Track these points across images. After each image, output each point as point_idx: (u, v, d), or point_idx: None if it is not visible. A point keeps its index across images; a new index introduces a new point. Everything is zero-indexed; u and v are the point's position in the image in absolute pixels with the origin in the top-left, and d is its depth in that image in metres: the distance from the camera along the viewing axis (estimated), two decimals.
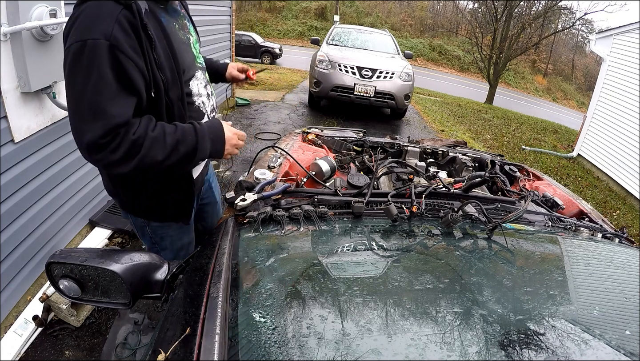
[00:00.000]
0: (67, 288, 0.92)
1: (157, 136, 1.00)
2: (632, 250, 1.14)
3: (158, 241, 1.37)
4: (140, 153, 0.98)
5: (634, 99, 6.30)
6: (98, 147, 0.94)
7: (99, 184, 2.68)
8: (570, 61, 30.58)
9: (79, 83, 0.92)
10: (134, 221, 1.33)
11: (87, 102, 0.92)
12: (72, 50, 0.91)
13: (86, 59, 0.91)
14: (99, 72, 0.91)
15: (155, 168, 1.03)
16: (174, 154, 1.03)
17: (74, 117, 0.94)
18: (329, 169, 1.62)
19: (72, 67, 0.92)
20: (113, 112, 0.93)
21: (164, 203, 1.25)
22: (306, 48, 21.13)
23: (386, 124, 6.66)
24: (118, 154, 0.95)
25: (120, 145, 0.95)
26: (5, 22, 1.66)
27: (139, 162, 0.98)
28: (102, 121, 0.92)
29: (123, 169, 0.99)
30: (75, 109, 0.94)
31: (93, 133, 0.92)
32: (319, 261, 0.94)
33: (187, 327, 0.67)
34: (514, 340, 0.67)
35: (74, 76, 0.92)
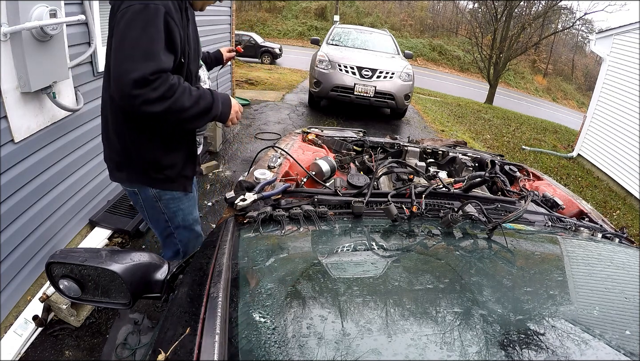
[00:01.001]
0: (67, 288, 0.92)
1: (186, 87, 1.22)
2: (632, 250, 1.14)
3: (171, 217, 1.51)
4: (173, 97, 1.16)
5: (634, 99, 6.30)
6: (145, 82, 1.10)
7: (99, 184, 2.68)
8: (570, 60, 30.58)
9: (135, 33, 1.11)
10: (144, 200, 1.46)
11: (142, 47, 1.11)
12: (134, 8, 1.12)
13: (146, 16, 1.12)
14: (157, 28, 1.13)
15: (180, 114, 1.21)
16: (196, 106, 1.24)
17: (124, 59, 1.11)
18: (329, 169, 1.62)
19: (131, 20, 1.11)
20: (163, 59, 1.14)
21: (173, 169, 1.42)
22: (306, 48, 21.13)
23: (386, 124, 6.66)
24: (157, 92, 1.13)
25: (161, 85, 1.13)
26: (5, 22, 1.66)
27: (171, 104, 1.17)
28: (154, 62, 1.11)
29: (157, 107, 1.15)
30: (129, 52, 1.11)
31: (144, 70, 1.10)
32: (319, 261, 0.94)
33: (187, 327, 0.67)
34: (514, 340, 0.67)
35: (130, 27, 1.11)
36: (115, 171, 1.44)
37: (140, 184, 1.43)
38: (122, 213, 2.79)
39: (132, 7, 1.12)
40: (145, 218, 1.56)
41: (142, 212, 1.52)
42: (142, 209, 1.51)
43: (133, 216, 2.77)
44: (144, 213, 1.53)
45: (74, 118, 2.30)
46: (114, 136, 1.36)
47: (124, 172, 1.42)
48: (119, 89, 1.12)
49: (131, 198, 1.51)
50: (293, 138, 2.07)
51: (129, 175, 1.42)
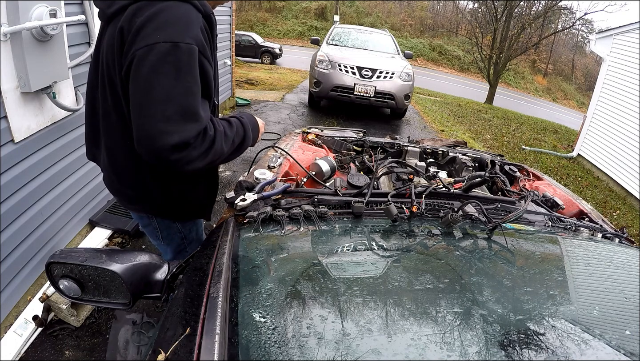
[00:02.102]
0: (67, 288, 0.92)
1: (222, 131, 1.06)
2: (632, 250, 1.13)
3: (187, 234, 1.40)
4: (213, 148, 1.01)
5: (634, 99, 6.30)
6: (185, 147, 0.93)
7: (99, 184, 2.68)
8: (570, 60, 30.59)
9: (165, 83, 0.90)
10: (159, 222, 1.32)
11: (177, 103, 0.91)
12: (159, 49, 0.89)
13: (178, 61, 0.90)
14: (193, 76, 0.93)
15: (219, 160, 1.08)
16: (232, 146, 1.11)
17: (154, 118, 0.90)
18: (329, 169, 1.62)
19: (158, 66, 0.89)
20: (202, 115, 0.96)
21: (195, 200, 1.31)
22: (306, 48, 21.13)
23: (386, 124, 6.66)
24: (199, 150, 0.97)
25: (202, 143, 0.97)
26: (5, 22, 1.66)
27: (212, 156, 1.02)
28: (194, 123, 0.93)
29: (198, 164, 0.99)
30: (159, 109, 0.90)
31: (185, 134, 0.92)
32: (319, 261, 0.94)
33: (187, 327, 0.67)
34: (514, 340, 0.67)
35: (158, 75, 0.89)
36: (127, 203, 1.29)
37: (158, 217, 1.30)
38: (122, 213, 2.79)
39: (157, 46, 0.89)
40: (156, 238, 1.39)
41: (154, 233, 1.36)
42: (155, 230, 1.35)
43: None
44: (156, 234, 1.36)
45: (74, 118, 2.30)
46: (127, 171, 1.18)
47: (139, 205, 1.27)
48: (153, 153, 0.93)
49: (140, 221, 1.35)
50: (293, 138, 2.07)
51: (144, 208, 1.28)
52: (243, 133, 1.16)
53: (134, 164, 1.15)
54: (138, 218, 1.36)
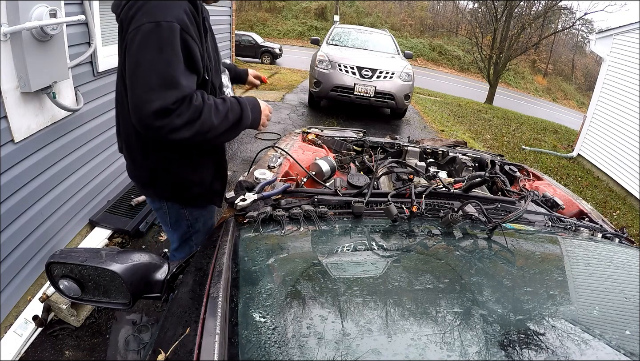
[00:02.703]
0: (67, 288, 0.92)
1: (212, 104, 1.12)
2: (632, 250, 1.14)
3: (193, 223, 1.46)
4: (200, 118, 1.08)
5: (634, 99, 6.30)
6: (167, 112, 1.02)
7: (99, 184, 2.68)
8: (570, 60, 30.59)
9: (150, 56, 1.00)
10: (169, 207, 1.40)
11: (159, 73, 1.01)
12: (144, 29, 1.00)
13: (160, 37, 1.00)
14: (173, 49, 1.02)
15: (210, 134, 1.13)
16: (225, 121, 1.16)
17: (142, 88, 1.01)
18: (329, 169, 1.62)
19: (144, 43, 1.00)
20: (184, 84, 1.04)
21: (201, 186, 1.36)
22: (306, 48, 21.13)
23: (386, 124, 6.66)
24: (182, 118, 1.04)
25: (185, 111, 1.04)
26: (5, 22, 1.66)
27: (199, 127, 1.08)
28: (174, 90, 1.02)
29: (185, 133, 1.06)
30: (145, 80, 1.01)
31: (164, 100, 1.01)
32: (319, 261, 0.94)
33: (187, 327, 0.67)
34: (514, 340, 0.67)
35: (144, 50, 1.01)
36: (140, 187, 1.40)
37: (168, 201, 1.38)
38: (122, 213, 2.79)
39: (142, 27, 1.00)
40: (165, 223, 1.48)
41: (164, 217, 1.45)
42: (164, 215, 1.44)
43: (133, 216, 2.77)
44: (165, 219, 1.46)
45: (74, 118, 2.30)
46: (138, 154, 1.29)
47: (150, 189, 1.37)
48: (140, 121, 1.04)
49: (152, 205, 1.46)
50: (293, 138, 2.07)
51: (156, 192, 1.37)
52: (239, 110, 1.20)
53: (142, 148, 1.26)
54: (150, 202, 1.45)
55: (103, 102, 2.61)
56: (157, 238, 2.88)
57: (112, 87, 2.69)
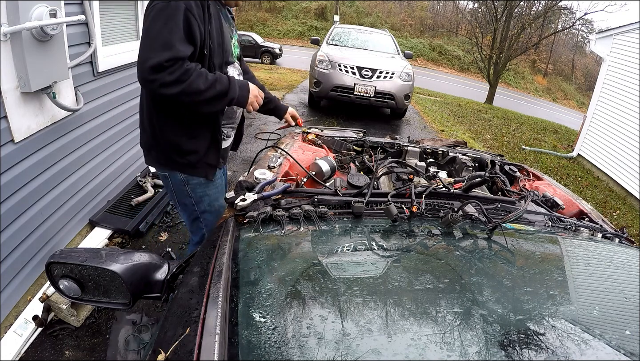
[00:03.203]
0: (67, 288, 0.92)
1: (202, 72, 1.32)
2: (632, 250, 1.13)
3: (198, 201, 1.62)
4: (188, 80, 1.28)
5: (634, 99, 6.30)
6: (160, 68, 1.23)
7: (99, 184, 2.68)
8: (570, 60, 30.58)
9: (157, 26, 1.25)
10: (174, 184, 1.58)
11: (162, 38, 1.24)
12: (158, 6, 1.26)
13: (167, 12, 1.25)
14: (175, 22, 1.26)
15: (196, 96, 1.31)
16: (212, 89, 1.33)
17: (146, 48, 1.26)
18: (329, 169, 1.62)
19: (155, 16, 1.26)
20: (179, 48, 1.26)
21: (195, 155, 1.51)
22: (306, 48, 21.12)
23: (386, 124, 6.66)
24: (173, 76, 1.25)
25: (176, 70, 1.25)
26: (5, 22, 1.66)
27: (186, 87, 1.28)
28: (170, 51, 1.24)
29: (173, 89, 1.27)
30: (150, 42, 1.25)
31: (160, 57, 1.23)
32: (319, 261, 0.94)
33: (187, 327, 0.67)
34: (514, 340, 0.67)
35: (154, 22, 1.26)
36: (147, 155, 1.59)
37: (167, 167, 1.55)
38: (122, 213, 2.79)
39: (157, 5, 1.26)
40: (174, 201, 1.67)
41: (172, 195, 1.64)
42: (171, 192, 1.62)
43: (133, 216, 2.77)
44: (172, 196, 1.64)
45: (74, 118, 2.30)
46: (147, 121, 1.50)
47: (152, 154, 1.55)
48: (140, 74, 1.27)
49: (163, 181, 1.64)
50: (293, 138, 2.07)
51: (157, 158, 1.55)
52: (227, 83, 1.37)
53: (149, 114, 1.47)
54: (161, 178, 1.64)
55: (103, 102, 2.61)
56: (157, 238, 2.88)
57: (112, 87, 2.70)
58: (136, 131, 3.13)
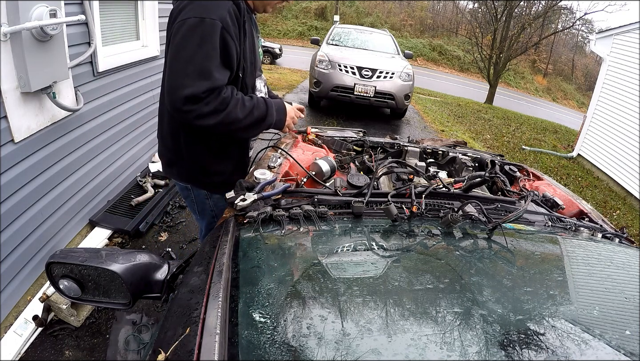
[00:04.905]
0: (67, 288, 0.92)
1: (239, 98, 1.24)
2: (632, 250, 1.13)
3: (219, 214, 1.54)
4: (226, 110, 1.20)
5: (634, 99, 6.30)
6: (196, 100, 1.14)
7: (99, 184, 2.68)
8: (570, 60, 30.57)
9: (191, 48, 1.12)
10: (196, 196, 1.52)
11: (197, 64, 1.12)
12: (190, 22, 1.12)
13: (202, 32, 1.12)
14: (212, 44, 1.13)
15: (233, 125, 1.24)
16: (250, 116, 1.26)
17: (178, 74, 1.13)
18: (329, 169, 1.62)
19: (187, 35, 1.12)
20: (217, 76, 1.16)
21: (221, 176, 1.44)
22: (306, 48, 21.11)
23: (386, 124, 6.66)
24: (209, 107, 1.16)
25: (213, 100, 1.16)
26: (5, 22, 1.66)
27: (224, 117, 1.20)
28: (207, 81, 1.13)
29: (210, 121, 1.18)
30: (183, 67, 1.13)
31: (197, 88, 1.12)
32: (319, 261, 0.94)
33: (187, 327, 0.67)
34: (514, 340, 0.67)
35: (186, 41, 1.13)
36: (166, 167, 1.52)
37: (189, 183, 1.49)
38: (122, 213, 2.79)
39: (188, 20, 1.13)
40: (193, 211, 1.62)
41: (192, 206, 1.58)
42: (192, 203, 1.56)
43: (133, 216, 2.77)
44: (193, 207, 1.59)
45: (74, 118, 2.30)
46: (167, 136, 1.41)
47: (174, 169, 1.49)
48: (172, 102, 1.16)
49: (182, 192, 1.58)
50: (293, 138, 2.07)
51: (179, 173, 1.48)
52: (265, 109, 1.31)
53: (173, 130, 1.38)
54: (180, 190, 1.56)
55: (103, 102, 2.61)
56: (157, 238, 2.88)
57: (112, 87, 2.70)
58: (136, 131, 3.13)
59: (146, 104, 3.22)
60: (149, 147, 3.39)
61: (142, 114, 3.18)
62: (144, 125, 3.23)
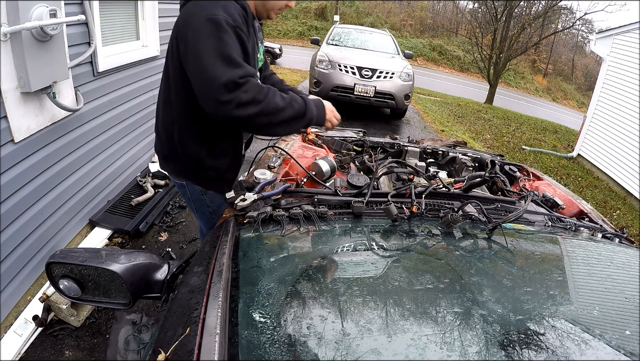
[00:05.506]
0: (67, 288, 0.92)
1: (275, 90, 1.21)
2: (632, 250, 1.13)
3: (216, 210, 1.54)
4: (266, 99, 1.16)
5: (634, 99, 6.30)
6: (235, 85, 1.10)
7: (99, 184, 2.68)
8: (570, 60, 30.56)
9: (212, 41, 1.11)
10: (191, 193, 1.51)
11: (224, 55, 1.11)
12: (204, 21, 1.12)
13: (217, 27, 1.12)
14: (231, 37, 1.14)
15: (274, 117, 1.19)
16: (290, 108, 1.22)
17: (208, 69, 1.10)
18: (329, 169, 1.62)
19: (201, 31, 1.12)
20: (245, 65, 1.15)
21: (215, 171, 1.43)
22: (306, 48, 21.10)
23: (386, 124, 6.66)
24: (249, 95, 1.12)
25: (251, 88, 1.13)
26: (5, 22, 1.66)
27: (264, 106, 1.16)
28: (239, 68, 1.12)
29: (250, 109, 1.14)
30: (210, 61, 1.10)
31: (233, 74, 1.10)
32: (319, 261, 0.94)
33: (187, 327, 0.67)
34: (514, 340, 0.67)
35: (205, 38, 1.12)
36: (162, 162, 1.51)
37: (184, 178, 1.48)
38: (122, 213, 2.79)
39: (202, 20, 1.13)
40: (191, 208, 1.62)
41: (189, 203, 1.58)
42: (189, 200, 1.55)
43: (133, 216, 2.77)
44: (190, 205, 1.58)
45: (74, 118, 2.30)
46: (163, 132, 1.41)
47: (170, 164, 1.48)
48: (211, 97, 1.12)
49: (179, 190, 1.57)
50: (293, 138, 2.07)
51: (175, 168, 1.48)
52: (303, 102, 1.27)
53: (167, 125, 1.38)
54: (178, 187, 1.56)
55: (103, 102, 2.61)
56: (157, 238, 2.88)
57: (112, 87, 2.70)
58: (136, 131, 3.13)
59: (146, 104, 3.21)
60: (149, 147, 3.39)
61: (142, 114, 3.18)
62: (144, 125, 3.23)
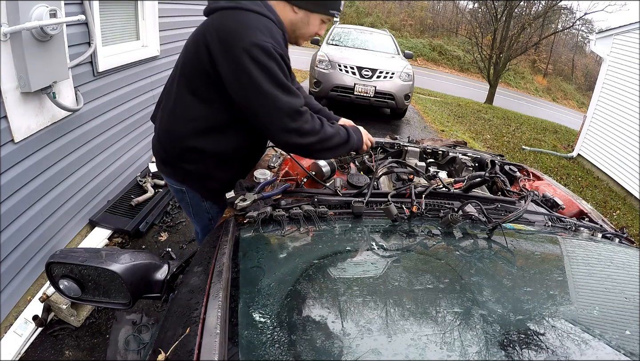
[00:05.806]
0: (67, 288, 0.92)
1: (324, 119, 1.27)
2: (632, 250, 1.13)
3: (215, 217, 1.53)
4: (322, 129, 1.23)
5: (634, 99, 6.30)
6: (298, 114, 1.16)
7: (99, 184, 2.68)
8: (570, 60, 30.56)
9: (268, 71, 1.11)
10: (191, 198, 1.48)
11: (282, 84, 1.14)
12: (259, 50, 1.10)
13: (269, 56, 1.12)
14: (281, 67, 1.15)
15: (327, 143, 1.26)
16: (337, 136, 1.30)
17: (271, 96, 1.12)
18: (329, 169, 1.62)
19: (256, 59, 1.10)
20: (300, 94, 1.20)
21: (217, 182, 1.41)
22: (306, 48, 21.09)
23: (386, 124, 6.66)
24: (309, 124, 1.19)
25: (310, 118, 1.20)
26: (5, 22, 1.66)
27: (322, 135, 1.23)
28: (298, 98, 1.18)
29: (310, 138, 1.20)
30: (271, 89, 1.12)
31: (296, 103, 1.15)
32: (319, 261, 0.94)
33: (187, 327, 0.67)
34: (514, 340, 0.67)
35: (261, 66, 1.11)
36: (161, 166, 1.46)
37: (184, 185, 1.44)
38: (122, 213, 2.79)
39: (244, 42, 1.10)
40: (188, 213, 1.59)
41: (187, 208, 1.54)
42: (187, 206, 1.52)
43: (133, 216, 2.77)
44: (188, 210, 1.55)
45: (74, 118, 2.30)
46: (166, 140, 1.35)
47: (169, 169, 1.43)
48: (276, 126, 1.16)
49: (176, 194, 1.52)
50: None
51: (174, 174, 1.43)
52: (345, 131, 1.35)
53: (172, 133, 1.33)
54: (175, 192, 1.51)
55: (103, 102, 2.61)
56: (157, 238, 2.88)
57: (112, 87, 2.70)
58: (136, 131, 3.13)
59: (146, 104, 3.21)
60: (149, 147, 3.39)
61: (142, 114, 3.17)
62: (144, 125, 3.23)
